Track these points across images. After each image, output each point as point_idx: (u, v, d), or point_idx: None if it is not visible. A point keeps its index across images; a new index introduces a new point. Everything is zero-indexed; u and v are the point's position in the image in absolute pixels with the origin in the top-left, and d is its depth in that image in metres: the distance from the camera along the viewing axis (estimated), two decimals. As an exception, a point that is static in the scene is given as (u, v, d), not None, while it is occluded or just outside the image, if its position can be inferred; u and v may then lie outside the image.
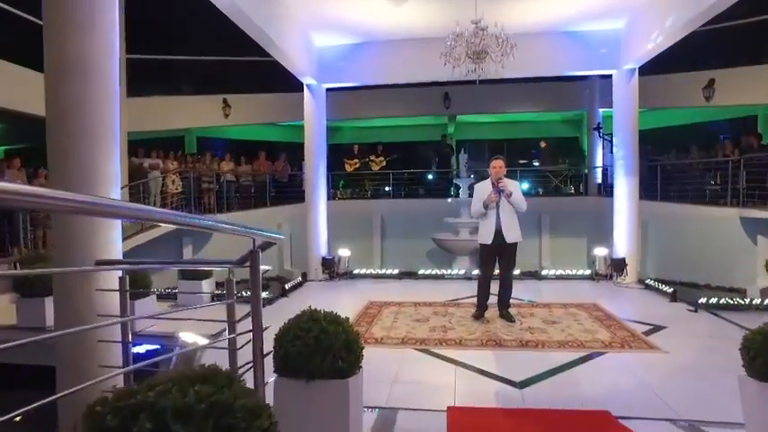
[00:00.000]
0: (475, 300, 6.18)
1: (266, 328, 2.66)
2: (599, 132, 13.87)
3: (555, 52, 8.24)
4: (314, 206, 9.03)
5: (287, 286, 7.74)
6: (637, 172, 8.15)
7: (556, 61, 8.37)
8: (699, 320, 5.77)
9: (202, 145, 15.44)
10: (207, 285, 7.09)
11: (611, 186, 13.00)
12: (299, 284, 8.33)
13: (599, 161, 13.66)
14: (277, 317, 2.91)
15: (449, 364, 4.37)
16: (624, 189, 8.13)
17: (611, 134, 13.49)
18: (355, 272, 9.05)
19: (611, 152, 13.74)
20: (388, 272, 9.01)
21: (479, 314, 5.79)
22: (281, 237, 3.05)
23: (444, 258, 11.41)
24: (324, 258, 8.88)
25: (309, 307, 2.82)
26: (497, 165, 5.62)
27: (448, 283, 8.46)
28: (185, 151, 14.72)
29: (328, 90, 11.69)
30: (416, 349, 4.76)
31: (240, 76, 14.03)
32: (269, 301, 6.94)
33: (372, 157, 13.80)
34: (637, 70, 8.05)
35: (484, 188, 5.70)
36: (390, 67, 8.76)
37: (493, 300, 5.84)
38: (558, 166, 13.53)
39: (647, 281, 7.64)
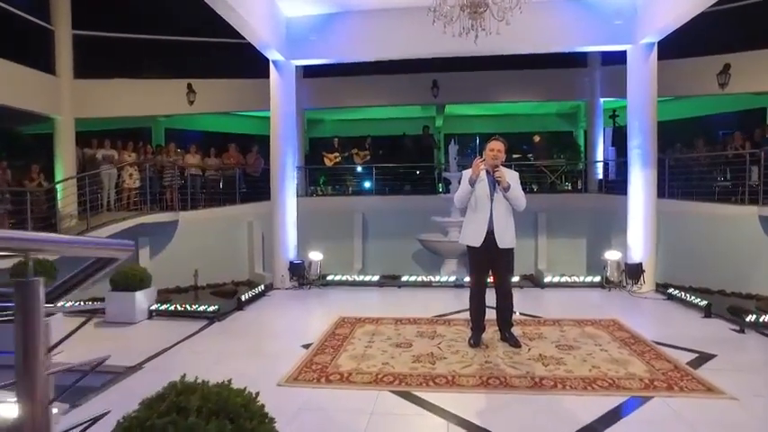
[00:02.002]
0: (468, 315, 5.01)
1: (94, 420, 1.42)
2: (614, 121, 12.79)
3: (562, 24, 7.08)
4: (281, 204, 7.76)
5: (244, 297, 6.46)
6: (655, 164, 7.02)
7: (563, 34, 7.20)
8: (752, 346, 4.60)
9: (172, 137, 14.09)
10: (144, 298, 5.80)
11: (613, 182, 12.11)
12: (261, 294, 7.06)
13: (599, 155, 12.57)
14: (211, 350, 1.62)
15: (438, 417, 3.15)
16: (640, 184, 6.99)
17: (620, 126, 12.78)
18: (329, 278, 7.80)
19: (612, 145, 12.76)
20: (367, 279, 7.77)
21: (476, 339, 4.58)
22: (126, 249, 1.78)
23: (431, 261, 10.35)
24: (291, 263, 7.62)
25: (181, 378, 1.57)
26: (496, 147, 4.43)
27: (435, 292, 7.26)
28: (152, 144, 13.42)
29: (311, 77, 10.66)
30: (394, 392, 3.54)
31: (207, 59, 12.66)
32: (217, 318, 5.67)
33: (356, 151, 12.63)
34: (656, 46, 6.91)
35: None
36: (370, 41, 7.54)
37: (490, 313, 4.65)
38: (556, 161, 12.42)
39: (670, 290, 6.50)
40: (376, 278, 7.71)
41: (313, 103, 13.68)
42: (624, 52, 10.04)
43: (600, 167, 12.23)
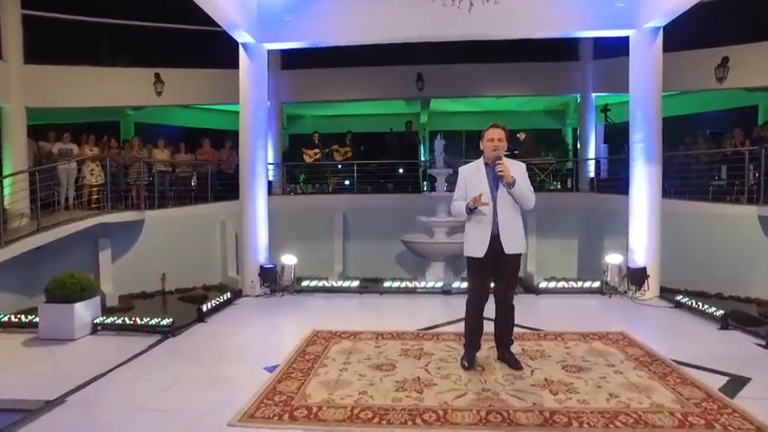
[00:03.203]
0: (459, 328, 4.48)
1: None
2: (605, 115, 12.30)
3: (558, 7, 6.48)
4: (250, 203, 7.02)
5: (206, 307, 5.70)
6: (660, 159, 6.46)
7: (559, 18, 6.60)
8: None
9: (142, 132, 13.22)
10: (87, 310, 5.02)
11: (605, 181, 11.62)
12: (227, 302, 6.31)
13: (591, 152, 12.05)
14: (157, 375, 0.86)
15: (428, 472, 2.49)
16: (644, 181, 6.41)
17: (612, 122, 12.31)
18: (304, 284, 7.08)
19: (605, 142, 12.26)
20: (345, 285, 7.06)
21: (470, 359, 3.91)
22: None
23: (416, 263, 9.70)
24: (262, 268, 6.88)
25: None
26: (496, 135, 3.78)
27: (420, 300, 6.60)
28: (120, 139, 12.56)
29: (289, 68, 9.93)
30: (373, 434, 2.87)
31: (177, 47, 11.80)
32: (172, 332, 4.92)
33: (336, 147, 11.94)
34: (661, 31, 6.35)
35: (472, 173, 3.87)
36: (350, 23, 6.85)
37: (487, 326, 4.00)
38: (545, 159, 11.88)
39: (679, 297, 5.93)
40: (356, 284, 7.02)
41: (292, 97, 12.96)
42: (617, 45, 9.59)
43: (592, 165, 11.71)
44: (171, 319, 4.97)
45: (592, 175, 11.58)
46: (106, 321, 5.01)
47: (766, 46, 9.55)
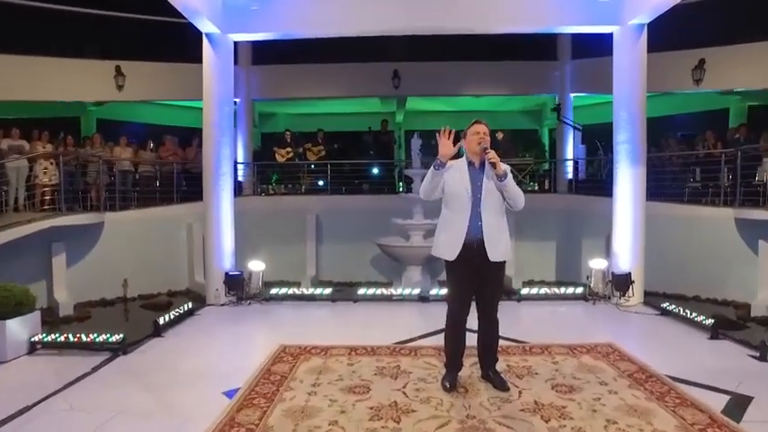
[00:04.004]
0: (438, 341, 4.20)
1: None
2: (558, 114, 12.27)
3: (543, 1, 6.21)
4: (214, 205, 6.55)
5: (163, 319, 5.21)
6: (645, 160, 6.25)
7: (541, 13, 6.33)
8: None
9: (104, 129, 12.51)
10: (23, 327, 4.47)
11: (583, 182, 11.50)
12: (189, 313, 5.82)
13: (569, 153, 11.91)
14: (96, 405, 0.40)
15: None
16: (628, 184, 6.19)
17: (572, 122, 12.25)
18: (273, 292, 6.63)
19: (582, 143, 12.13)
20: (317, 292, 6.65)
21: (452, 380, 3.56)
22: None
23: (391, 267, 9.34)
24: (227, 275, 6.41)
25: None
26: (481, 129, 3.46)
27: (397, 308, 6.24)
28: (80, 135, 11.85)
29: (260, 63, 9.43)
30: (344, 476, 2.48)
31: (140, 38, 11.15)
32: (122, 350, 4.42)
33: (309, 146, 11.49)
34: (646, 28, 6.14)
35: (453, 170, 3.49)
36: (322, 14, 6.44)
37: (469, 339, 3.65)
38: (524, 159, 11.68)
39: (664, 304, 5.72)
40: (328, 291, 6.60)
41: (264, 94, 12.46)
42: (595, 45, 9.46)
43: (570, 166, 11.57)
44: (121, 335, 4.46)
45: (570, 176, 11.43)
46: (46, 339, 4.47)
47: (741, 48, 9.54)
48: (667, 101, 12.01)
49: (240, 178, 11.20)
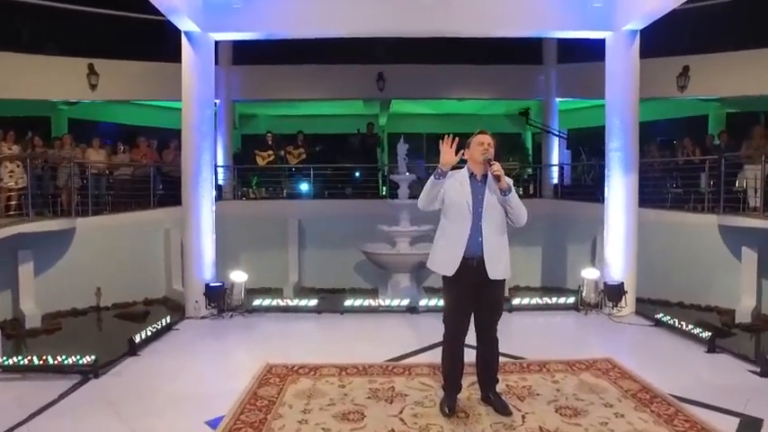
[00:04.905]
0: (431, 357, 4.12)
1: None
2: (526, 119, 12.34)
3: (535, 5, 6.08)
4: (194, 212, 6.23)
5: (139, 337, 4.88)
6: (637, 168, 6.16)
7: (532, 17, 6.20)
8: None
9: (76, 129, 11.99)
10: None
11: (569, 188, 11.50)
12: (167, 328, 5.50)
13: (555, 158, 11.88)
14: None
15: None
16: (621, 192, 6.09)
17: (541, 125, 12.33)
18: (256, 303, 6.35)
19: (568, 148, 12.12)
20: (302, 303, 6.37)
21: (451, 404, 3.36)
22: None
23: (377, 273, 9.15)
24: (208, 286, 6.10)
25: None
26: (486, 140, 3.29)
27: (385, 320, 6.02)
28: (51, 136, 11.32)
29: (242, 63, 9.12)
30: None
31: (115, 36, 10.69)
32: (94, 372, 4.09)
33: (290, 149, 11.21)
34: (638, 35, 6.05)
35: (454, 181, 3.30)
36: (307, 14, 6.18)
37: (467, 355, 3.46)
38: (510, 163, 11.61)
39: (658, 315, 5.63)
40: (313, 303, 6.34)
41: (244, 95, 12.12)
42: (581, 50, 9.42)
43: (555, 171, 11.53)
44: (93, 357, 4.13)
45: (555, 181, 11.40)
46: (7, 363, 4.11)
47: (724, 57, 9.63)
48: (648, 107, 12.08)
49: (220, 182, 10.87)
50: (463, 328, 3.34)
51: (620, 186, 6.08)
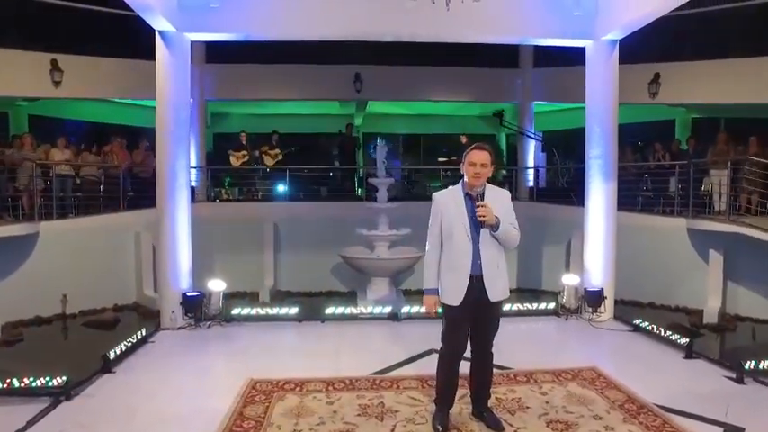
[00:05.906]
0: (418, 369, 4.17)
1: None
2: (500, 121, 12.48)
3: (513, 11, 6.08)
4: (169, 219, 6.00)
5: (114, 353, 4.65)
6: (615, 175, 6.26)
7: (513, 23, 6.19)
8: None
9: (37, 127, 11.45)
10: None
11: (544, 191, 11.65)
12: (142, 341, 5.29)
13: (530, 161, 12.01)
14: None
15: None
16: (601, 199, 6.18)
17: (516, 127, 12.51)
18: (235, 312, 6.18)
19: (543, 151, 12.28)
20: (282, 312, 6.24)
21: (443, 421, 3.32)
22: None
23: (354, 277, 9.08)
24: (185, 296, 5.90)
25: None
26: (479, 159, 3.19)
27: (367, 328, 5.95)
28: (10, 133, 10.77)
29: (215, 62, 8.82)
30: None
31: (81, 30, 10.21)
32: (65, 394, 3.87)
33: (266, 149, 10.98)
34: (617, 45, 6.14)
35: (449, 203, 3.26)
36: (286, 16, 6.03)
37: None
38: (486, 165, 11.67)
39: (636, 321, 5.74)
40: (294, 311, 6.21)
41: (218, 94, 11.81)
42: (558, 55, 9.53)
43: (531, 174, 11.67)
44: (64, 377, 3.91)
45: (531, 183, 11.53)
46: (-32, 385, 3.86)
47: (692, 65, 9.92)
48: (620, 111, 12.37)
49: (193, 183, 10.57)
50: (462, 345, 3.31)
51: (599, 193, 6.16)
